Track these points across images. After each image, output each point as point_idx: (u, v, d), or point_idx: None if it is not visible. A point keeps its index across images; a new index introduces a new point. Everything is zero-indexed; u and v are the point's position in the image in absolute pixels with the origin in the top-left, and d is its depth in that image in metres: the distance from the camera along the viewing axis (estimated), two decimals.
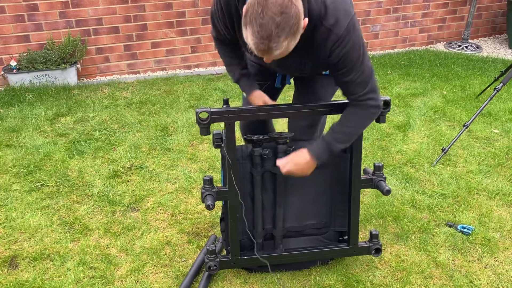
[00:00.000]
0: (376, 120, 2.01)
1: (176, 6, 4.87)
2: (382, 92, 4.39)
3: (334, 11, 1.64)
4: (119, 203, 2.77)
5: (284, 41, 1.50)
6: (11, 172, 3.07)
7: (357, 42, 1.70)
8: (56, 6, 4.51)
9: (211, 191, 2.00)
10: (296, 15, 1.48)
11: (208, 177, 2.00)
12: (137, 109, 4.03)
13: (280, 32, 1.47)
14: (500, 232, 2.53)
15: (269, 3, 1.44)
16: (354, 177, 2.09)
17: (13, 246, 2.44)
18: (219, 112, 1.91)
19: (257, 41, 1.50)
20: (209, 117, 1.90)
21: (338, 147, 1.89)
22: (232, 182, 1.99)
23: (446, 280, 2.21)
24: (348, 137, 1.90)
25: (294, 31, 1.50)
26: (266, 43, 1.49)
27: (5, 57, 4.54)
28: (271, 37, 1.47)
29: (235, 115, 1.92)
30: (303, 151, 1.93)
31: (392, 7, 5.61)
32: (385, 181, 2.11)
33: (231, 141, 1.95)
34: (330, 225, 2.24)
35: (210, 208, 1.92)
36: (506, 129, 3.60)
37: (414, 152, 3.29)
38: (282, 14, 1.45)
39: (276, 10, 1.44)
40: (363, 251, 2.22)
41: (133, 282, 2.21)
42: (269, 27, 1.46)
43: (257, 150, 2.01)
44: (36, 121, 3.77)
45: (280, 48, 1.51)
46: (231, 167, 1.96)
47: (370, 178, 2.12)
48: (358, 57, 1.73)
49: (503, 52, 5.76)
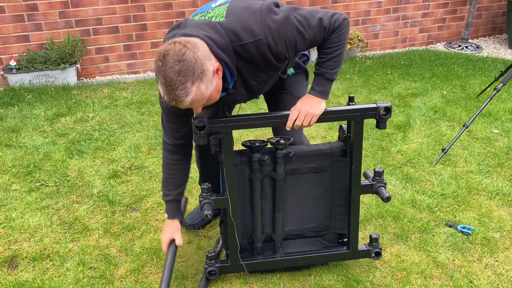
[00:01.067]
0: (376, 126, 2.01)
1: (176, 6, 4.87)
2: (382, 92, 4.39)
3: (241, 26, 1.67)
4: (119, 203, 2.77)
5: (191, 86, 1.56)
6: (11, 172, 3.07)
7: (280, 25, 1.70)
8: (55, 6, 4.51)
9: (210, 199, 1.98)
10: (197, 60, 1.55)
11: (206, 185, 1.98)
12: (137, 109, 4.03)
13: (182, 78, 1.54)
14: (500, 232, 2.52)
15: (167, 56, 1.54)
16: (354, 184, 2.07)
17: (13, 246, 2.44)
18: (216, 121, 1.87)
19: (165, 91, 1.57)
20: (206, 127, 1.85)
21: (332, 73, 1.87)
22: (230, 190, 1.98)
23: (446, 280, 2.21)
24: (336, 60, 1.86)
25: (200, 75, 1.56)
26: (173, 92, 1.56)
27: (5, 57, 4.54)
28: (177, 85, 1.54)
29: (232, 124, 1.89)
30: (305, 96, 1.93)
31: (392, 7, 5.61)
32: (385, 187, 2.08)
33: (229, 150, 1.92)
34: (330, 227, 2.23)
35: (208, 218, 1.90)
36: (506, 129, 3.60)
37: (414, 152, 3.29)
38: (180, 62, 1.53)
39: (174, 60, 1.53)
40: (362, 254, 2.22)
41: (133, 282, 2.20)
42: (170, 76, 1.53)
43: (256, 156, 1.99)
44: (36, 121, 3.77)
45: (190, 93, 1.57)
46: (229, 175, 1.95)
47: (370, 184, 2.10)
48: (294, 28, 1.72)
49: (503, 52, 5.76)
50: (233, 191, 1.99)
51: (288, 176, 2.07)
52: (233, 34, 1.67)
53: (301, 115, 1.88)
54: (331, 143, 2.10)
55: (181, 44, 1.55)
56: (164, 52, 1.54)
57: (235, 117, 1.90)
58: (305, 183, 2.10)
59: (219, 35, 1.66)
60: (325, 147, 2.08)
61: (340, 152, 2.08)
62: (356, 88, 4.50)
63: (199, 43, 1.59)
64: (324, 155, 2.06)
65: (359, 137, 2.00)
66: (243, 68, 1.76)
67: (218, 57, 1.65)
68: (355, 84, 4.62)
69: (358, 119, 1.96)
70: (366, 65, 5.16)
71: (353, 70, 5.00)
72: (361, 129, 1.99)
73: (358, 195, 2.11)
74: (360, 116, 1.96)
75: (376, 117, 1.97)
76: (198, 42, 1.59)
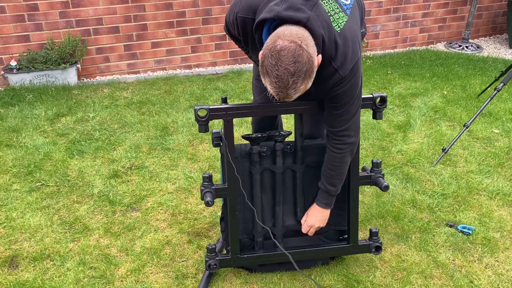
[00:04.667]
0: (373, 117, 2.07)
1: (176, 6, 4.87)
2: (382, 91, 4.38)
3: (343, 52, 1.72)
4: (119, 203, 2.77)
5: (301, 85, 1.58)
6: (11, 172, 3.07)
7: (355, 84, 1.80)
8: (56, 6, 4.51)
9: (210, 189, 2.01)
10: (309, 60, 1.56)
11: (207, 174, 2.01)
12: (137, 109, 4.03)
13: (296, 79, 1.55)
14: (501, 232, 2.52)
15: (281, 55, 1.52)
16: (352, 174, 2.10)
17: (13, 246, 2.44)
18: (217, 109, 1.92)
19: (276, 90, 1.59)
20: (207, 114, 1.91)
21: (337, 189, 2.05)
22: (231, 180, 1.99)
23: (447, 280, 2.21)
24: (338, 178, 2.03)
25: (310, 74, 1.59)
26: (285, 91, 1.58)
27: (5, 57, 4.54)
28: (289, 86, 1.56)
29: (233, 112, 1.93)
30: (314, 206, 2.10)
31: (392, 7, 5.61)
32: (383, 177, 2.13)
33: (230, 138, 1.95)
34: (330, 224, 2.23)
35: (209, 204, 1.93)
36: (507, 129, 3.60)
37: (414, 152, 3.29)
38: (296, 63, 1.53)
39: (289, 61, 1.52)
40: (363, 249, 2.22)
41: (133, 282, 2.20)
42: (285, 78, 1.54)
43: (255, 148, 2.02)
44: (36, 121, 3.77)
45: (299, 91, 1.61)
46: (230, 165, 1.97)
47: (368, 174, 2.14)
48: (352, 97, 1.83)
49: (504, 52, 5.75)
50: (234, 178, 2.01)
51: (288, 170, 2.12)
52: (334, 49, 1.71)
53: (313, 229, 2.13)
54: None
55: (296, 44, 1.53)
56: (279, 49, 1.52)
57: (236, 105, 1.96)
58: (305, 178, 2.14)
59: (329, 42, 1.68)
60: (325, 141, 2.10)
61: None
62: None
63: (308, 39, 1.58)
64: (323, 149, 2.07)
65: None
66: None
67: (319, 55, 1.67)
68: None
69: None
70: (367, 65, 5.16)
71: None
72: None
73: (357, 186, 2.13)
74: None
75: (372, 107, 2.03)
76: (308, 38, 1.58)
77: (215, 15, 5.01)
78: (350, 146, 1.95)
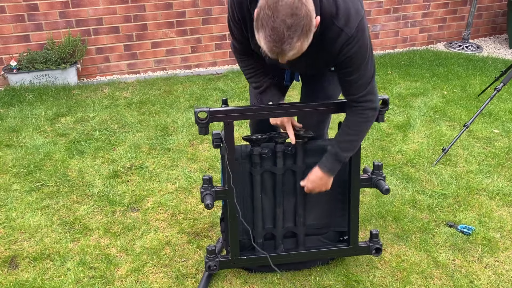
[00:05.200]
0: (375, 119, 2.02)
1: (176, 6, 4.87)
2: (382, 92, 4.39)
3: (345, 10, 1.65)
4: (119, 203, 2.77)
5: (297, 42, 1.51)
6: (11, 172, 3.07)
7: (364, 43, 1.72)
8: (56, 6, 4.51)
9: (210, 191, 2.00)
10: (307, 15, 1.48)
11: (208, 176, 2.00)
12: (137, 109, 4.03)
13: (292, 33, 1.48)
14: (501, 232, 2.52)
15: (279, 6, 1.45)
16: (353, 177, 2.09)
17: (13, 246, 2.44)
18: (218, 111, 1.91)
19: (270, 44, 1.51)
20: (207, 117, 1.90)
21: (345, 156, 1.95)
22: (231, 182, 1.99)
23: (447, 280, 2.21)
24: (352, 145, 1.95)
25: (307, 31, 1.51)
26: (279, 46, 1.50)
27: (5, 57, 4.54)
28: (284, 39, 1.49)
29: (233, 114, 1.92)
30: (315, 169, 2.00)
31: (392, 7, 5.61)
32: (384, 180, 2.11)
33: (230, 141, 1.94)
34: (330, 225, 2.23)
35: (209, 207, 1.92)
36: (507, 129, 3.60)
37: (414, 152, 3.29)
38: (293, 16, 1.46)
39: (287, 12, 1.45)
40: (363, 250, 2.22)
41: (133, 282, 2.20)
42: (281, 30, 1.47)
43: (256, 149, 2.01)
44: (36, 121, 3.77)
45: (293, 49, 1.52)
46: (230, 167, 1.96)
47: (369, 177, 2.13)
48: (363, 59, 1.74)
49: (504, 52, 5.75)
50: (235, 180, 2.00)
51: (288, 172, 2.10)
52: (335, 8, 1.63)
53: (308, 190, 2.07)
54: (331, 139, 2.11)
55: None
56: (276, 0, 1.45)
57: (237, 107, 1.94)
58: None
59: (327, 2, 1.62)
60: (325, 142, 2.10)
61: None
62: None
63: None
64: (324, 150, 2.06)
65: None
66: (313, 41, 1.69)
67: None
68: None
69: None
70: None
71: None
72: None
73: (358, 188, 2.12)
74: None
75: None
76: None
77: (215, 15, 5.01)
78: (373, 112, 1.88)
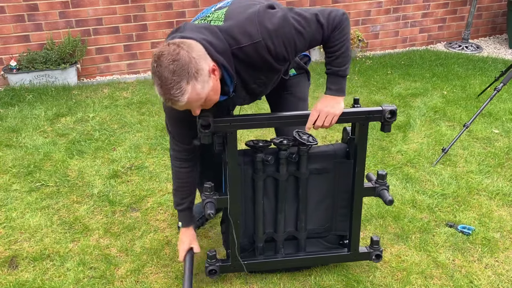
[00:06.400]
0: (381, 129, 2.00)
1: (176, 6, 4.87)
2: (382, 92, 4.39)
3: (239, 29, 1.68)
4: (119, 203, 2.77)
5: (187, 85, 1.57)
6: (11, 172, 3.07)
7: (280, 30, 1.69)
8: (56, 6, 4.51)
9: (212, 199, 1.97)
10: (190, 59, 1.56)
11: (209, 184, 1.97)
12: (137, 109, 4.03)
13: (177, 77, 1.55)
14: (500, 232, 2.52)
15: (161, 56, 1.56)
16: (356, 186, 2.07)
17: (13, 246, 2.44)
18: (221, 120, 1.85)
19: (161, 91, 1.59)
20: (210, 126, 1.84)
21: (344, 69, 1.84)
22: (233, 190, 1.98)
23: (446, 280, 2.21)
24: (344, 56, 1.83)
25: (195, 74, 1.57)
26: (169, 91, 1.57)
27: (5, 57, 4.54)
28: (172, 85, 1.56)
29: (237, 123, 1.88)
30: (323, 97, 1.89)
31: (392, 7, 5.61)
32: (388, 190, 2.08)
33: (233, 150, 1.91)
34: (331, 229, 2.23)
35: (210, 217, 1.90)
36: (506, 129, 3.60)
37: (414, 152, 3.29)
38: (174, 61, 1.55)
39: (168, 60, 1.55)
40: (363, 257, 2.22)
41: (133, 282, 2.20)
42: (165, 76, 1.55)
43: (259, 156, 1.98)
44: (36, 121, 3.77)
45: (185, 93, 1.58)
46: (231, 176, 1.95)
47: (373, 186, 2.09)
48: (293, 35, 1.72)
49: (503, 52, 5.76)
50: (236, 191, 1.99)
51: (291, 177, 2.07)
52: (231, 37, 1.68)
53: (322, 116, 1.86)
54: (334, 145, 2.11)
55: (175, 44, 1.57)
56: (159, 53, 1.57)
57: (241, 116, 1.90)
58: (307, 185, 2.09)
59: (217, 39, 1.67)
60: (328, 148, 2.08)
61: (343, 154, 2.08)
62: (357, 88, 4.50)
63: (193, 44, 1.61)
64: (327, 156, 2.06)
65: (363, 139, 1.99)
66: (242, 71, 1.76)
67: (216, 61, 1.66)
68: (355, 84, 4.62)
69: (363, 122, 1.96)
70: (366, 65, 5.16)
71: (353, 70, 4.99)
72: (366, 132, 1.98)
73: (361, 197, 2.10)
74: (365, 119, 1.95)
75: (381, 120, 1.96)
76: (192, 43, 1.61)
77: None
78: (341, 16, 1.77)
